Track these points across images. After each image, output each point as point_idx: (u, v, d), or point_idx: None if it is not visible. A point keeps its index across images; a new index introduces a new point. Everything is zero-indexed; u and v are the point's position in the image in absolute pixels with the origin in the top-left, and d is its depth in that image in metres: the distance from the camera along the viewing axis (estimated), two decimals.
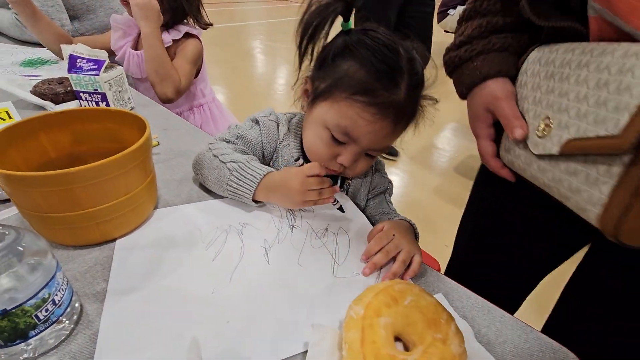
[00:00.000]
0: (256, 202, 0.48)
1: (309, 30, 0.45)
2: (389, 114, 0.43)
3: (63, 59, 0.93)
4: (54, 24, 0.91)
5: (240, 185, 0.46)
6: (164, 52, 0.83)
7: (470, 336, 0.34)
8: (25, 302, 0.27)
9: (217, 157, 0.48)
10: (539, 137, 0.36)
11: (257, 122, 0.55)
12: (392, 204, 0.57)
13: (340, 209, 0.50)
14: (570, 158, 0.33)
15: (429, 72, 0.47)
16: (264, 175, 0.46)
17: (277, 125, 0.55)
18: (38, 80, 0.77)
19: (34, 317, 0.28)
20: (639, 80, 0.27)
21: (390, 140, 0.48)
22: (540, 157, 0.36)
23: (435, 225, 1.46)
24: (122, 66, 0.69)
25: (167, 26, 0.88)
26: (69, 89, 0.71)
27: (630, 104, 0.27)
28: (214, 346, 0.31)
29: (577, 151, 0.32)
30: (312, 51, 0.47)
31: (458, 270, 0.63)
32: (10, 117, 0.64)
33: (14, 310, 0.26)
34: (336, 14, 0.44)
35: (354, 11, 0.45)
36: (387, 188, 0.57)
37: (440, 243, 1.27)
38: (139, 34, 0.93)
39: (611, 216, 0.29)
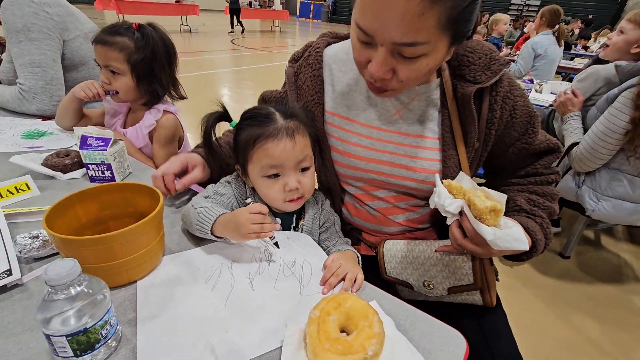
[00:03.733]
0: (218, 237, 0.63)
1: (211, 137, 0.71)
2: (283, 134, 0.63)
3: (65, 130, 1.09)
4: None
5: (203, 223, 0.62)
6: (135, 154, 1.01)
7: (392, 326, 0.51)
8: (96, 322, 0.41)
9: (193, 205, 0.65)
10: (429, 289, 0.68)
11: (229, 182, 0.74)
12: (341, 233, 0.75)
13: (276, 244, 0.63)
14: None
15: None
16: (219, 215, 0.61)
17: (245, 184, 0.73)
18: (37, 150, 0.92)
19: (100, 334, 0.42)
20: (460, 263, 0.64)
21: (305, 148, 0.67)
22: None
23: None
24: (122, 141, 0.85)
25: (147, 105, 1.04)
26: (75, 160, 0.86)
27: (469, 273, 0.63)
28: (220, 347, 0.46)
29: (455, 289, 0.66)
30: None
31: None
32: (29, 188, 0.77)
33: (90, 328, 0.41)
34: (219, 120, 0.69)
35: None
36: (334, 221, 0.76)
37: None
38: (128, 112, 1.10)
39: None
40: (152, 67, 0.97)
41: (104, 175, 0.81)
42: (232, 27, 10.37)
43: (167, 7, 9.41)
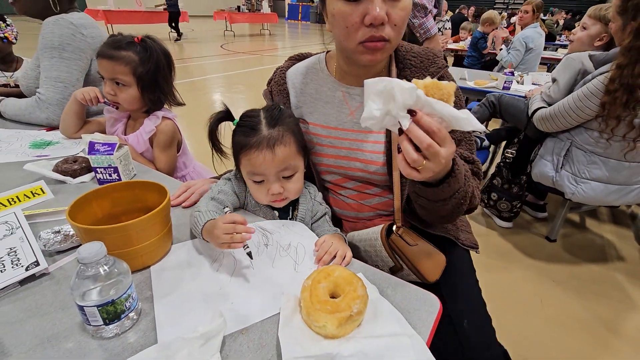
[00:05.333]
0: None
1: (214, 135, 0.76)
2: (264, 146, 0.69)
3: (68, 138, 1.17)
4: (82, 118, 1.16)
5: (196, 228, 0.67)
6: (138, 158, 1.08)
7: (375, 291, 0.59)
8: (121, 295, 0.48)
9: (195, 207, 0.73)
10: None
11: (229, 179, 0.81)
12: (331, 223, 0.82)
13: (249, 254, 0.63)
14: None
15: None
16: (205, 222, 0.65)
17: (243, 180, 0.80)
18: (46, 158, 0.99)
19: (124, 306, 0.49)
20: (379, 248, 0.71)
21: (286, 158, 0.71)
22: None
23: None
24: (127, 145, 0.92)
25: (147, 112, 1.12)
26: (83, 165, 0.93)
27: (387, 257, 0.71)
28: (227, 314, 0.53)
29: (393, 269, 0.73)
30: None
31: None
32: (43, 192, 0.84)
33: (116, 300, 0.48)
34: (221, 120, 0.75)
35: None
36: (326, 212, 0.83)
37: None
38: (128, 119, 1.17)
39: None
40: (156, 78, 1.04)
41: (111, 178, 0.88)
42: (178, 34, 9.35)
43: (155, 15, 9.43)
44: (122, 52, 1.00)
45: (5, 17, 1.71)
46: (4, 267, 0.59)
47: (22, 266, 0.59)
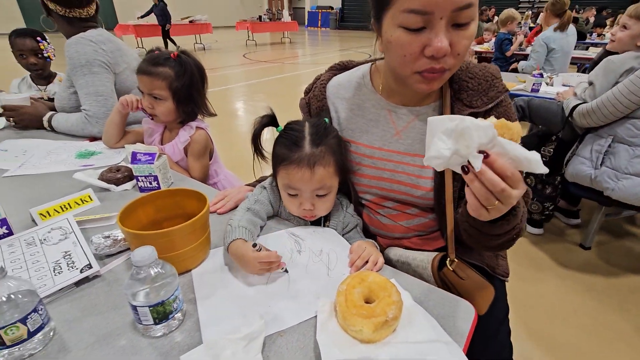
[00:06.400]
0: None
1: (258, 138, 0.77)
2: (304, 164, 0.69)
3: (110, 148, 1.24)
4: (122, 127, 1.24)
5: (225, 243, 0.68)
6: (174, 167, 1.14)
7: (409, 298, 0.59)
8: (170, 297, 0.52)
9: (230, 219, 0.74)
10: None
11: (264, 187, 0.84)
12: (362, 234, 0.83)
13: (285, 270, 0.66)
14: None
15: None
16: (231, 242, 0.67)
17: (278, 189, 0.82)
18: (91, 168, 1.06)
19: (172, 306, 0.53)
20: (428, 272, 0.70)
21: (323, 179, 0.71)
22: None
23: None
24: (165, 155, 0.97)
25: (182, 123, 1.18)
26: (125, 173, 0.99)
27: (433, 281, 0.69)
28: (265, 317, 0.56)
29: None
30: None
31: None
32: (91, 199, 0.90)
33: (165, 301, 0.51)
34: (266, 125, 0.75)
35: None
36: (357, 224, 0.83)
37: None
38: (164, 129, 1.23)
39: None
40: (190, 91, 1.10)
41: (151, 186, 0.94)
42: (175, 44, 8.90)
43: (181, 28, 9.80)
44: (159, 68, 1.06)
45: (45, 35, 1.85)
46: (61, 269, 0.65)
47: (76, 268, 0.64)
